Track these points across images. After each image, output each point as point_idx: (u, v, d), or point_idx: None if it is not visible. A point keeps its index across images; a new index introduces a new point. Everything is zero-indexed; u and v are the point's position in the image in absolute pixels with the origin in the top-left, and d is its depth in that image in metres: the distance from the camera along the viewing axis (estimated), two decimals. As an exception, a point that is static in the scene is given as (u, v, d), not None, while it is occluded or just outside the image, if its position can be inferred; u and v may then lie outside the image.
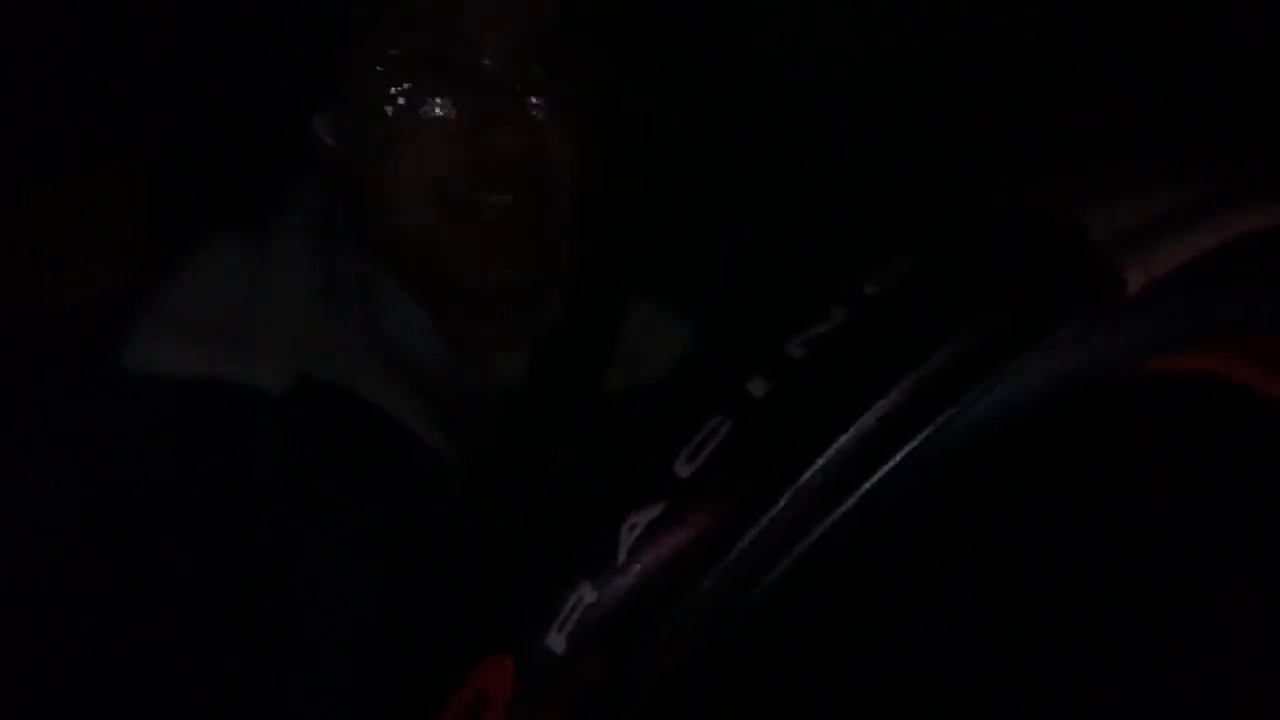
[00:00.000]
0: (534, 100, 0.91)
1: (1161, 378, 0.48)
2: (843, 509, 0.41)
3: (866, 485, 0.41)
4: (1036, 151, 0.97)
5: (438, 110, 0.90)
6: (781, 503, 0.41)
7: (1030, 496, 0.55)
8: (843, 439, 0.41)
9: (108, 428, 0.87)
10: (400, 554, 0.86)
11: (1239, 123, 0.88)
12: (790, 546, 0.41)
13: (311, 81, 0.95)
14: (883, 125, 1.11)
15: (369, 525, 0.88)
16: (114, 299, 0.99)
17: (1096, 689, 0.54)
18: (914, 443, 0.41)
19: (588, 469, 0.47)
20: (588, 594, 0.41)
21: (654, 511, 0.41)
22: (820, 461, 0.41)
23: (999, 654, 0.54)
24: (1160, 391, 0.49)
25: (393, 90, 0.90)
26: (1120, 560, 0.56)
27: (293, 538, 0.86)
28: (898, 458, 0.41)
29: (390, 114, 0.90)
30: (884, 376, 0.41)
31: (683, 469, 0.41)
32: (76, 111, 1.16)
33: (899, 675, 0.54)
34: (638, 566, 0.41)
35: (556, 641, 0.42)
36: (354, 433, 0.90)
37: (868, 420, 0.41)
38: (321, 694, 0.84)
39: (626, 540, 0.41)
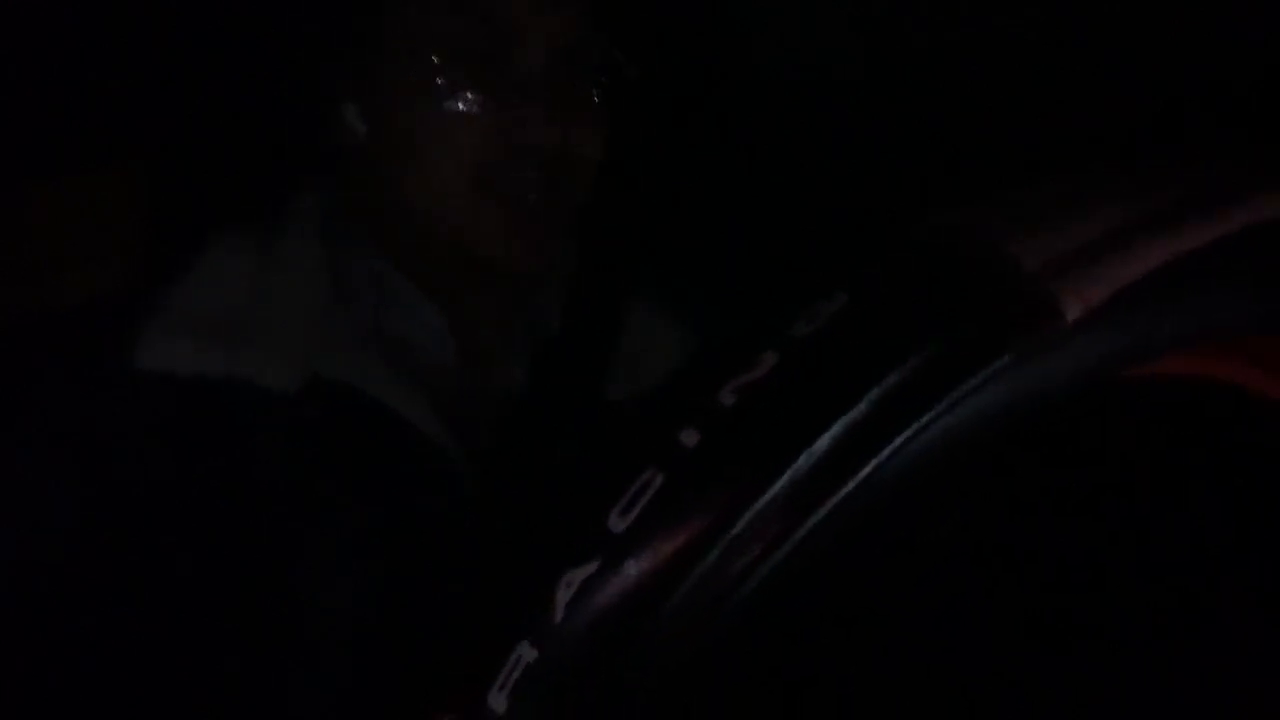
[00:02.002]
0: (566, 94, 0.93)
1: (1161, 381, 0.47)
2: (779, 556, 0.40)
3: (803, 531, 0.40)
4: (1037, 151, 0.96)
5: (477, 101, 0.92)
6: (716, 553, 0.40)
7: (1030, 499, 0.55)
8: (777, 486, 0.40)
9: (111, 427, 0.87)
10: (404, 554, 0.87)
11: (1232, 125, 0.87)
12: (727, 597, 0.40)
13: (328, 76, 0.96)
14: (883, 125, 1.11)
15: (373, 525, 0.88)
16: (114, 299, 0.99)
17: (1095, 689, 0.53)
18: (849, 487, 0.41)
19: (526, 524, 0.47)
20: (527, 653, 0.41)
21: (589, 568, 0.41)
22: (754, 510, 0.40)
23: (996, 656, 0.54)
24: (1160, 394, 0.49)
25: (433, 79, 0.92)
26: (1119, 561, 0.55)
27: (296, 537, 0.86)
28: (834, 502, 0.41)
29: (429, 102, 0.92)
30: (815, 422, 0.41)
31: (616, 524, 0.41)
32: (77, 111, 1.16)
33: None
34: (575, 624, 0.41)
35: (498, 700, 0.41)
36: (360, 432, 0.91)
37: (801, 467, 0.40)
38: (322, 694, 0.85)
39: (563, 598, 0.41)
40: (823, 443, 0.40)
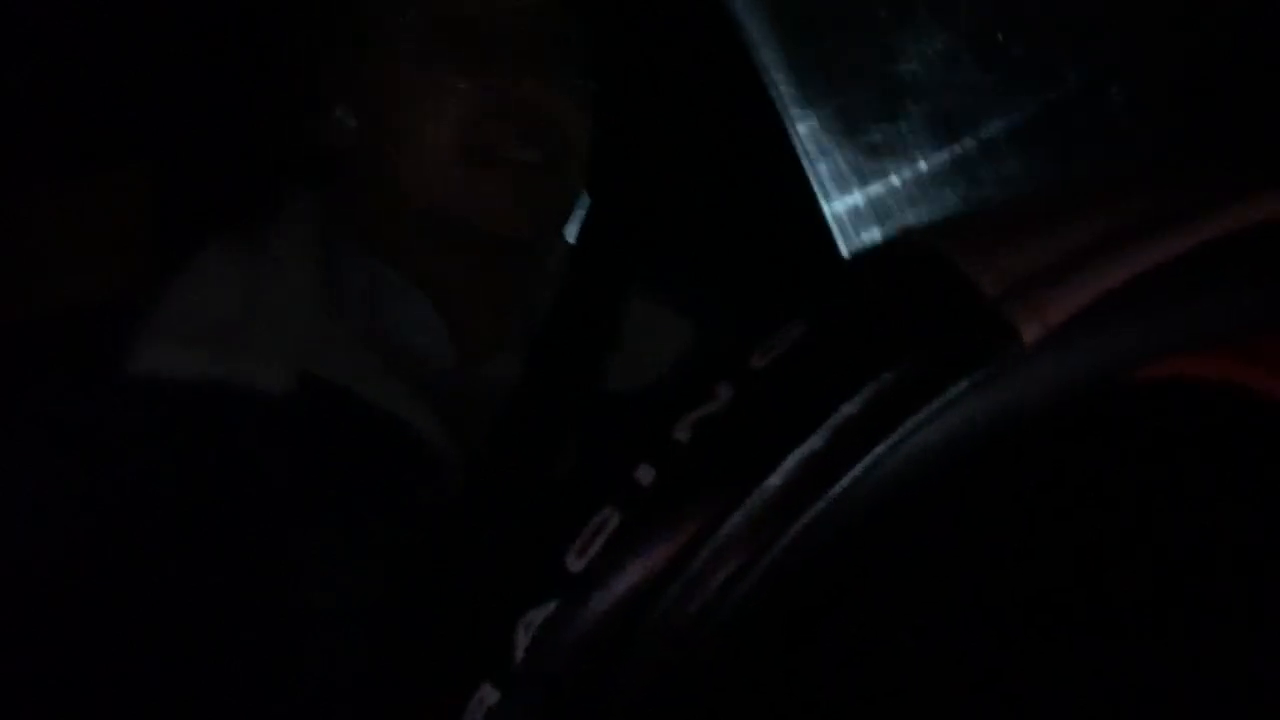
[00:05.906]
0: (548, 54, 0.93)
1: (1160, 382, 0.47)
2: (738, 593, 0.40)
3: (761, 567, 0.40)
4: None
5: (462, 74, 0.92)
6: (674, 592, 0.40)
7: (1029, 500, 0.54)
8: (733, 521, 0.40)
9: (109, 430, 0.87)
10: (401, 553, 0.86)
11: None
12: (687, 635, 0.40)
13: (316, 81, 0.95)
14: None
15: (370, 524, 0.88)
16: (115, 299, 0.99)
17: (1094, 690, 0.53)
18: (806, 519, 0.40)
19: (484, 565, 0.46)
20: (489, 695, 0.41)
21: (548, 609, 0.40)
22: (711, 547, 0.40)
23: (994, 659, 0.54)
24: (1160, 395, 0.48)
25: (413, 58, 0.92)
26: (1118, 562, 0.55)
27: (292, 537, 0.86)
28: (792, 533, 0.40)
29: (412, 81, 0.92)
30: (770, 456, 0.40)
31: (574, 564, 0.40)
32: (81, 113, 1.16)
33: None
34: (535, 665, 0.40)
35: None
36: (355, 432, 0.91)
37: (756, 502, 0.40)
38: (322, 693, 0.85)
39: (523, 639, 0.41)
40: (778, 477, 0.40)
